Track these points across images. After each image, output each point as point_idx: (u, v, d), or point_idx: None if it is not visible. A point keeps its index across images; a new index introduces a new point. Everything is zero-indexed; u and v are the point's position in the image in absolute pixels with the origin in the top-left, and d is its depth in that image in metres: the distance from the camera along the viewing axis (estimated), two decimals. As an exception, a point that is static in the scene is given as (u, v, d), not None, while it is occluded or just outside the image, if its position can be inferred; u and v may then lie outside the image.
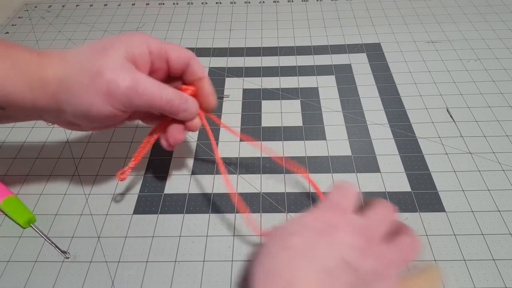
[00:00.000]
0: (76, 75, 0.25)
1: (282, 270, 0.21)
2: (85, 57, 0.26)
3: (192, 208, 0.34)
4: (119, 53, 0.26)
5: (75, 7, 0.63)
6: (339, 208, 0.24)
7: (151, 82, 0.27)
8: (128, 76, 0.26)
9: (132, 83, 0.26)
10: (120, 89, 0.26)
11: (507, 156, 0.37)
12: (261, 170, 0.37)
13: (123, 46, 0.26)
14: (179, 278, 0.30)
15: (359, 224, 0.23)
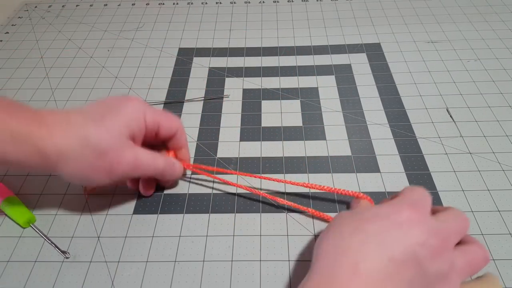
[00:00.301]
0: (79, 152, 0.27)
1: (351, 251, 0.22)
2: (89, 133, 0.27)
3: (192, 208, 0.34)
4: (121, 130, 0.28)
5: (75, 7, 0.63)
6: (419, 207, 0.24)
7: (147, 155, 0.30)
8: (130, 155, 0.29)
9: (133, 161, 0.29)
10: (122, 167, 0.28)
11: (507, 156, 0.37)
12: (261, 170, 0.37)
13: (124, 122, 0.28)
14: (179, 278, 0.30)
15: (436, 226, 0.23)
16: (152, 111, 0.30)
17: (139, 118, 0.29)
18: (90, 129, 0.27)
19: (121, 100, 0.29)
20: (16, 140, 0.25)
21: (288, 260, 0.30)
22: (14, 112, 0.26)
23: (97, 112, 0.28)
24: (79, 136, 0.27)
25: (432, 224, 0.23)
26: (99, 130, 0.27)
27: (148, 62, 0.51)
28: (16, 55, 0.53)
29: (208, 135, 0.41)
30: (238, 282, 0.29)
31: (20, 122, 0.26)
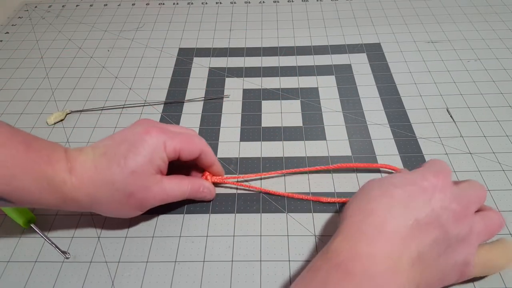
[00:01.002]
0: (109, 196, 0.28)
1: (378, 212, 0.24)
2: (115, 179, 0.28)
3: (192, 208, 0.34)
4: (145, 169, 0.28)
5: (75, 7, 0.63)
6: (442, 175, 0.26)
7: (173, 186, 0.31)
8: (157, 190, 0.30)
9: (160, 195, 0.30)
10: (151, 202, 0.30)
11: (507, 156, 0.37)
12: (261, 170, 0.37)
13: (147, 160, 0.28)
14: (179, 278, 0.30)
15: (458, 193, 0.25)
16: (171, 140, 0.30)
17: (160, 152, 0.29)
18: (115, 175, 0.28)
19: (138, 134, 0.29)
20: (52, 189, 0.27)
21: (288, 260, 0.30)
22: (51, 162, 0.27)
23: (118, 152, 0.28)
24: (107, 182, 0.28)
25: (454, 191, 0.25)
26: (124, 175, 0.28)
27: (148, 62, 0.51)
28: (16, 55, 0.53)
29: (208, 135, 0.41)
30: (238, 282, 0.29)
31: (54, 171, 0.27)
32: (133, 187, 0.28)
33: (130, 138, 0.29)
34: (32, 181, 0.26)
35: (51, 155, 0.27)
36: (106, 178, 0.28)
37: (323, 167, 0.36)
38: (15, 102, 0.46)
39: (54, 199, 0.27)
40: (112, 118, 0.43)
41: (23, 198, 0.26)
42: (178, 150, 0.30)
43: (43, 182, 0.26)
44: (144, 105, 0.44)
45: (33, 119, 0.43)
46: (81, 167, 0.28)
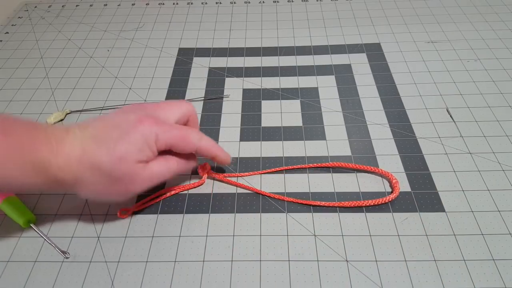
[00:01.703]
0: (95, 179, 0.28)
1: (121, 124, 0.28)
2: (102, 162, 0.27)
3: (192, 208, 0.34)
4: (133, 157, 0.28)
5: (75, 7, 0.63)
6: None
7: (160, 166, 0.30)
8: (144, 175, 0.29)
9: (148, 179, 0.29)
10: (137, 187, 0.29)
11: (507, 156, 0.37)
12: (261, 170, 0.37)
13: (136, 148, 0.28)
14: (178, 278, 0.30)
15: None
16: (164, 134, 0.29)
17: (151, 143, 0.29)
18: (103, 158, 0.27)
19: (132, 122, 0.29)
20: (36, 172, 0.26)
21: (288, 260, 0.30)
22: (31, 141, 0.27)
23: (109, 137, 0.28)
24: (94, 164, 0.27)
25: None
26: (111, 159, 0.27)
27: (148, 62, 0.51)
28: (16, 55, 0.53)
29: (208, 135, 0.40)
30: (238, 282, 0.29)
31: (41, 152, 0.26)
32: (119, 173, 0.28)
33: (123, 124, 0.29)
34: (17, 167, 0.26)
35: (33, 138, 0.27)
36: (94, 160, 0.27)
37: (323, 164, 0.36)
38: (15, 102, 0.46)
39: (39, 182, 0.27)
40: (112, 118, 0.43)
41: (8, 185, 0.27)
42: (169, 145, 0.30)
43: (28, 166, 0.26)
44: (144, 105, 0.44)
45: (33, 119, 0.43)
46: (68, 148, 0.27)
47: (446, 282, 0.29)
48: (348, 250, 0.31)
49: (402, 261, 0.30)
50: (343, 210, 0.33)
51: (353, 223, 0.32)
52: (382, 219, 0.33)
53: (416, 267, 0.29)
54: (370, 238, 0.31)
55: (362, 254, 0.30)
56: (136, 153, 0.28)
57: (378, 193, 0.35)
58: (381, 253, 0.30)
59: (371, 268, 0.30)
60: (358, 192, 0.35)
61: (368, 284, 0.29)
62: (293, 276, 0.29)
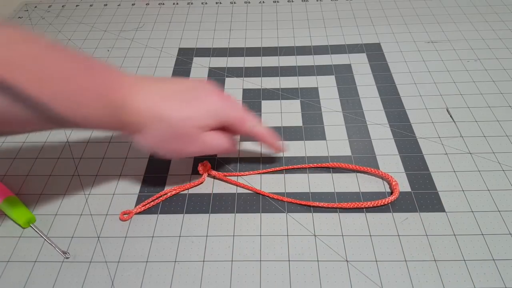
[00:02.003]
0: (159, 129, 0.29)
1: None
2: (172, 116, 0.29)
3: (192, 208, 0.34)
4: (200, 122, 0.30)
5: (75, 7, 0.63)
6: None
7: (216, 141, 0.32)
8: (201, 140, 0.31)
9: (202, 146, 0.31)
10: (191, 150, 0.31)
11: (507, 156, 0.37)
12: (261, 170, 0.37)
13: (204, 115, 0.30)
14: (178, 278, 0.30)
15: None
16: (230, 111, 0.32)
17: (217, 115, 0.31)
18: (174, 113, 0.29)
19: (205, 90, 0.31)
20: (111, 112, 0.28)
21: (288, 260, 0.30)
22: (114, 82, 0.28)
23: (186, 97, 0.30)
24: (163, 116, 0.29)
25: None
26: (181, 116, 0.29)
27: (148, 62, 0.51)
28: (16, 55, 0.53)
29: (208, 135, 0.41)
30: (238, 282, 0.29)
31: (119, 94, 0.28)
32: (183, 130, 0.30)
33: (200, 90, 0.31)
34: (99, 108, 0.27)
35: (114, 81, 0.28)
36: (164, 113, 0.29)
37: (323, 164, 0.36)
38: (15, 102, 0.46)
39: (110, 123, 0.28)
40: (112, 118, 0.43)
41: (87, 124, 0.27)
42: (229, 123, 0.32)
43: (107, 108, 0.27)
44: (144, 105, 0.44)
45: (33, 119, 0.43)
46: (143, 96, 0.29)
47: (446, 282, 0.29)
48: (348, 250, 0.31)
49: (402, 261, 0.30)
50: (343, 210, 0.33)
51: (353, 223, 0.32)
52: (382, 219, 0.33)
53: (416, 267, 0.29)
54: (370, 238, 0.31)
55: (362, 254, 0.30)
56: (203, 119, 0.30)
57: (378, 193, 0.35)
58: (381, 253, 0.30)
59: (371, 268, 0.30)
60: (358, 192, 0.35)
61: (368, 284, 0.29)
62: (293, 276, 0.29)
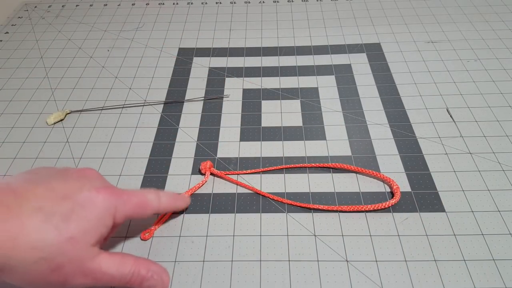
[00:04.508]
0: (31, 265, 0.22)
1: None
2: (47, 244, 0.22)
3: (192, 208, 0.34)
4: (86, 239, 0.23)
5: (75, 7, 0.63)
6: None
7: (111, 263, 0.24)
8: (91, 266, 0.24)
9: (92, 274, 0.24)
10: (77, 281, 0.24)
11: (507, 156, 0.37)
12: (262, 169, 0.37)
13: (91, 227, 0.23)
14: (179, 278, 0.30)
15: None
16: (124, 206, 0.25)
17: (108, 219, 0.24)
18: (49, 237, 0.22)
19: (88, 192, 0.24)
20: None
21: (288, 260, 0.30)
22: None
23: (59, 212, 0.22)
24: (35, 244, 0.21)
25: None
26: (60, 241, 0.22)
27: (148, 62, 0.51)
28: (16, 55, 0.53)
29: (208, 135, 0.41)
30: (238, 282, 0.29)
31: None
32: (63, 258, 0.22)
33: (75, 195, 0.24)
34: None
35: None
36: (36, 239, 0.21)
37: (324, 164, 0.36)
38: (14, 102, 0.46)
39: None
40: (112, 118, 0.43)
41: None
42: (129, 217, 0.26)
43: None
44: (144, 105, 0.44)
45: (32, 119, 0.43)
46: (4, 226, 0.21)
47: (446, 282, 0.29)
48: (348, 250, 0.31)
49: (402, 261, 0.30)
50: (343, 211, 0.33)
51: (353, 223, 0.32)
52: (382, 219, 0.33)
53: (416, 267, 0.29)
54: (370, 238, 0.31)
55: (362, 254, 0.30)
56: (90, 232, 0.23)
57: (379, 194, 0.35)
58: (381, 253, 0.30)
59: (371, 268, 0.30)
60: (358, 192, 0.35)
61: (368, 284, 0.29)
62: (293, 276, 0.29)
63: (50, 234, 0.22)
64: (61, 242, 0.22)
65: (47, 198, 0.23)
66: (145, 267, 0.26)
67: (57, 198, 0.23)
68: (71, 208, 0.23)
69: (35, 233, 0.21)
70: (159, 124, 0.42)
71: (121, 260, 0.25)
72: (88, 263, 0.23)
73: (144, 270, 0.26)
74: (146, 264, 0.26)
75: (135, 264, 0.25)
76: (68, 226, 0.22)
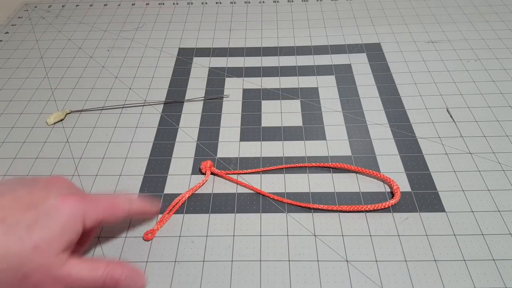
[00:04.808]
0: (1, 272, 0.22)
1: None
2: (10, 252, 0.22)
3: (192, 208, 0.34)
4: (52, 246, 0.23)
5: (75, 7, 0.63)
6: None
7: (81, 268, 0.24)
8: (59, 274, 0.23)
9: (62, 281, 0.24)
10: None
11: (507, 156, 0.37)
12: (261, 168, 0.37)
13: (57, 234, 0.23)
14: (179, 278, 0.30)
15: None
16: (93, 211, 0.25)
17: (76, 225, 0.24)
18: (11, 248, 0.22)
19: (53, 201, 0.24)
20: None
21: (288, 260, 0.30)
22: None
23: (22, 222, 0.22)
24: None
25: None
26: (23, 250, 0.22)
27: (148, 62, 0.51)
28: (16, 55, 0.53)
29: (208, 135, 0.41)
30: (238, 282, 0.29)
31: None
32: (30, 267, 0.22)
33: (40, 204, 0.23)
34: None
35: None
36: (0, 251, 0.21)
37: (324, 164, 0.36)
38: (14, 102, 0.46)
39: None
40: (112, 118, 0.43)
41: None
42: (100, 221, 0.26)
43: None
44: (144, 105, 0.44)
45: (32, 119, 0.43)
46: None
47: (446, 282, 0.29)
48: (348, 250, 0.31)
49: (402, 261, 0.30)
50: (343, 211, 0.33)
51: (353, 223, 0.32)
52: (382, 219, 0.33)
53: (416, 267, 0.29)
54: (370, 238, 0.31)
55: (362, 254, 0.30)
56: (56, 240, 0.23)
57: (379, 193, 0.35)
58: (381, 253, 0.30)
59: (371, 268, 0.30)
60: (359, 192, 0.35)
61: (368, 284, 0.29)
62: (293, 276, 0.29)
63: (13, 244, 0.22)
64: (25, 252, 0.22)
65: (11, 208, 0.23)
66: (119, 270, 0.25)
67: (21, 208, 0.23)
68: (35, 218, 0.23)
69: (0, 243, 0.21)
70: (159, 124, 0.42)
71: (93, 265, 0.25)
72: (57, 270, 0.23)
73: (117, 273, 0.25)
74: (120, 267, 0.26)
75: (107, 268, 0.25)
76: (32, 235, 0.22)
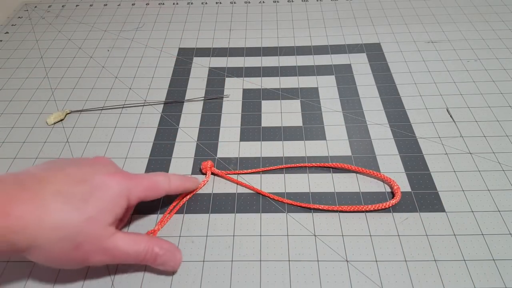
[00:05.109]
0: (54, 243, 0.24)
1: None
2: (68, 223, 0.24)
3: (192, 208, 0.34)
4: (104, 219, 0.25)
5: (75, 7, 0.63)
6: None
7: (126, 241, 0.26)
8: (108, 245, 0.25)
9: (110, 251, 0.26)
10: (98, 258, 0.26)
11: (507, 156, 0.37)
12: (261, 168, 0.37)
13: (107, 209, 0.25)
14: (179, 278, 0.30)
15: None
16: (136, 188, 0.27)
17: (122, 201, 0.26)
18: (69, 220, 0.24)
19: (102, 176, 0.26)
20: None
21: (288, 260, 0.30)
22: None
23: (78, 194, 0.24)
24: (57, 225, 0.23)
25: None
26: (80, 220, 0.24)
27: (148, 62, 0.51)
28: (16, 55, 0.53)
29: (208, 135, 0.41)
30: (238, 282, 0.29)
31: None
32: (83, 237, 0.24)
33: (91, 178, 0.26)
34: None
35: None
36: (58, 220, 0.23)
37: (324, 163, 0.36)
38: (14, 102, 0.46)
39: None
40: (112, 118, 0.43)
41: None
42: (142, 198, 0.28)
43: None
44: (144, 105, 0.44)
45: (32, 119, 0.43)
46: (24, 208, 0.23)
47: (446, 282, 0.29)
48: (348, 250, 0.31)
49: (402, 261, 0.30)
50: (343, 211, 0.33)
51: (353, 223, 0.32)
52: (382, 219, 0.33)
53: (416, 267, 0.29)
54: (370, 238, 0.31)
55: (362, 254, 0.30)
56: (107, 213, 0.25)
57: (379, 194, 0.35)
58: (381, 253, 0.30)
59: (371, 268, 0.30)
60: (359, 192, 0.35)
61: (368, 284, 0.29)
62: (293, 276, 0.29)
63: (71, 214, 0.24)
64: (81, 222, 0.24)
65: (65, 182, 0.25)
66: (158, 245, 0.28)
67: (74, 181, 0.25)
68: (88, 190, 0.25)
69: (57, 214, 0.23)
70: (159, 124, 0.42)
71: (136, 239, 0.27)
72: (106, 241, 0.25)
73: (157, 247, 0.28)
74: (159, 242, 0.28)
75: (148, 243, 0.27)
76: (87, 206, 0.24)
